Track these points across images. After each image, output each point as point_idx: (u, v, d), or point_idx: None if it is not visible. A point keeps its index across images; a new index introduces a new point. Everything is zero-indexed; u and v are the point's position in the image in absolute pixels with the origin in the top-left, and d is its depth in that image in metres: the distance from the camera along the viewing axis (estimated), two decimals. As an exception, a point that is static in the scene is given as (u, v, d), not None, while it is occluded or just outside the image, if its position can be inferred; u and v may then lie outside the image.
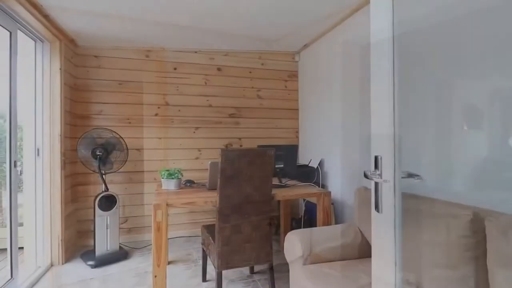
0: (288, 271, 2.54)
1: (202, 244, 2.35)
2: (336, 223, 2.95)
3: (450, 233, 1.32)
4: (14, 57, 2.18)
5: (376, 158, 0.80)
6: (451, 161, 1.56)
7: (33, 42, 2.58)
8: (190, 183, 2.63)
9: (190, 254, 2.98)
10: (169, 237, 3.30)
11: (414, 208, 1.46)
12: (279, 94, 3.89)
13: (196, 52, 3.57)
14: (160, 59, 3.45)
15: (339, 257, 1.82)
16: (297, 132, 3.96)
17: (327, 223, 2.28)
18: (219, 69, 3.65)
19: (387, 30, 0.76)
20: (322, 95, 3.30)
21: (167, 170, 2.44)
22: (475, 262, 1.26)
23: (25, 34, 2.43)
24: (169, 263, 2.74)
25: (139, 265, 2.70)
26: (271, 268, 2.06)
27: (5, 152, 2.16)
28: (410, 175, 0.74)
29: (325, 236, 1.84)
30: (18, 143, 2.28)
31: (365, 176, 0.81)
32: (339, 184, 2.98)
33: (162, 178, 2.44)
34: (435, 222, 1.38)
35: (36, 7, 2.23)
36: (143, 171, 3.39)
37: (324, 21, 2.86)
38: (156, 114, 3.43)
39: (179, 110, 3.51)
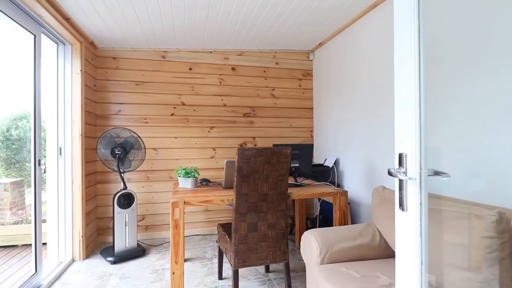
0: (303, 270, 2.54)
1: (218, 242, 2.37)
2: (352, 222, 2.91)
3: (473, 234, 1.28)
4: (38, 60, 2.26)
5: (400, 155, 0.78)
6: (475, 160, 1.51)
7: (55, 45, 2.67)
8: (206, 181, 2.66)
9: (206, 252, 3.01)
10: (185, 235, 3.35)
11: (434, 207, 1.43)
12: (293, 93, 3.87)
13: (211, 52, 3.60)
14: (175, 59, 3.50)
15: (357, 257, 1.79)
16: (312, 131, 3.93)
17: (343, 222, 2.26)
18: (233, 69, 3.67)
19: (412, 22, 0.74)
20: (337, 94, 3.26)
21: (184, 169, 2.47)
22: (500, 263, 1.22)
23: (48, 37, 2.52)
24: (185, 260, 2.78)
25: (156, 262, 2.75)
26: (287, 267, 2.06)
27: (30, 151, 2.25)
28: (437, 173, 0.73)
29: (342, 235, 1.82)
30: (42, 143, 2.36)
31: (389, 173, 0.80)
32: (355, 183, 2.94)
33: (179, 176, 2.48)
34: (457, 222, 1.35)
35: (59, 10, 2.30)
36: (160, 170, 3.45)
37: (340, 18, 2.83)
38: (172, 114, 3.48)
39: (194, 110, 3.55)
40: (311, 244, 1.78)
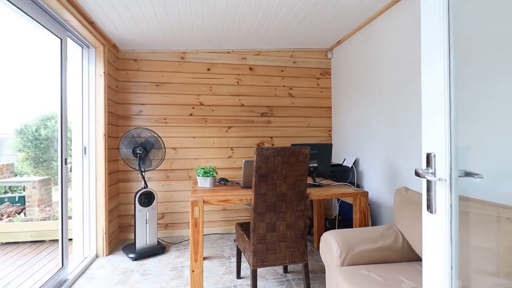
0: (322, 272, 2.50)
1: (236, 241, 2.38)
2: (373, 224, 2.85)
3: (504, 238, 1.22)
4: (64, 63, 2.35)
5: (428, 155, 0.75)
6: (507, 160, 1.43)
7: (80, 48, 2.77)
8: (224, 181, 2.68)
9: (224, 251, 3.03)
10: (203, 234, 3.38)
11: (461, 209, 1.37)
12: (311, 92, 3.83)
13: (228, 52, 3.62)
14: (194, 60, 3.55)
15: (378, 260, 1.75)
16: (330, 130, 3.88)
17: (364, 224, 2.21)
18: (251, 69, 3.68)
19: (441, 16, 0.71)
20: (357, 92, 3.20)
21: (203, 168, 2.50)
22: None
23: (73, 40, 2.61)
24: (204, 259, 2.81)
25: (175, 260, 2.80)
26: (306, 268, 2.04)
27: (57, 150, 2.35)
28: (468, 174, 0.69)
29: (363, 237, 1.78)
30: (68, 143, 2.46)
31: (416, 174, 0.77)
32: (375, 184, 2.87)
33: (198, 176, 2.51)
34: (486, 226, 1.28)
35: (84, 15, 2.39)
36: (179, 169, 3.51)
37: (360, 16, 2.77)
38: (191, 114, 3.53)
39: (212, 110, 3.58)
40: (331, 245, 1.75)
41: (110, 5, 2.34)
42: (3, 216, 4.47)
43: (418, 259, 1.79)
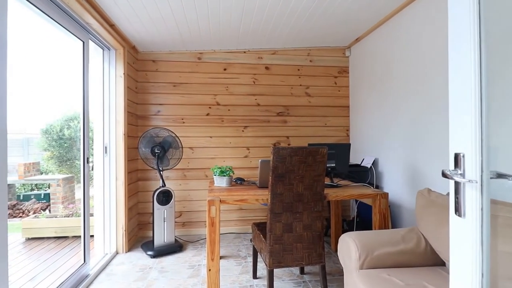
0: (339, 274, 2.45)
1: (252, 241, 2.37)
2: (393, 226, 2.76)
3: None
4: (86, 65, 2.42)
5: (456, 155, 0.71)
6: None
7: (101, 50, 2.84)
8: (240, 180, 2.68)
9: (240, 250, 3.04)
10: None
11: (491, 213, 1.30)
12: (328, 91, 3.77)
13: (245, 52, 3.62)
14: (211, 60, 3.57)
15: (399, 264, 1.69)
16: (348, 130, 3.80)
17: (384, 226, 2.15)
18: (267, 68, 3.66)
19: (471, 8, 0.67)
20: (376, 91, 3.12)
21: (219, 168, 2.51)
22: None
23: (95, 43, 2.69)
24: (220, 258, 2.83)
25: (192, 258, 2.83)
26: (323, 270, 2.00)
27: (79, 150, 2.42)
28: (501, 176, 0.65)
29: (383, 240, 1.73)
30: (89, 142, 2.53)
31: (444, 175, 0.73)
32: (395, 185, 2.78)
33: (215, 175, 2.52)
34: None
35: (105, 17, 2.45)
36: (196, 169, 3.55)
37: (380, 12, 2.70)
38: (208, 114, 3.56)
39: (229, 110, 3.60)
40: (350, 247, 1.71)
41: (129, 7, 2.39)
42: (29, 212, 4.68)
43: (442, 263, 1.72)
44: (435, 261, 1.72)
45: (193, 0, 2.33)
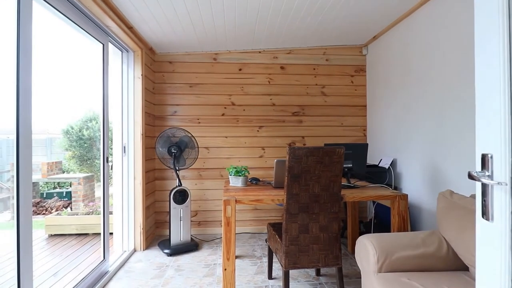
0: (356, 276, 2.41)
1: (268, 241, 2.36)
2: (412, 229, 2.69)
3: None
4: (106, 67, 2.49)
5: (483, 156, 0.68)
6: None
7: (120, 52, 2.92)
8: (255, 180, 2.68)
9: (255, 250, 3.04)
10: (234, 233, 3.41)
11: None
12: (345, 91, 3.71)
13: (260, 52, 3.62)
14: (226, 61, 3.59)
15: (419, 268, 1.64)
16: (365, 130, 3.73)
17: (403, 229, 2.10)
18: (282, 68, 3.65)
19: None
20: (395, 89, 3.04)
21: (235, 168, 2.51)
22: None
23: (114, 45, 2.76)
24: (235, 257, 2.83)
25: (208, 257, 2.85)
26: (340, 272, 1.97)
27: (99, 149, 2.49)
28: (533, 178, 0.61)
29: (403, 243, 1.68)
30: (109, 142, 2.60)
31: (470, 176, 0.70)
32: (415, 187, 2.71)
33: (230, 175, 2.53)
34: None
35: (123, 20, 2.51)
36: (211, 168, 3.58)
37: (398, 8, 2.63)
38: (223, 114, 3.58)
39: (244, 110, 3.60)
40: (368, 250, 1.67)
41: (147, 11, 2.43)
42: (52, 209, 4.86)
43: (465, 268, 1.66)
44: (457, 265, 1.66)
45: (209, 1, 2.35)
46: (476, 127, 0.72)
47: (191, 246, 3.01)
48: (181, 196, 2.99)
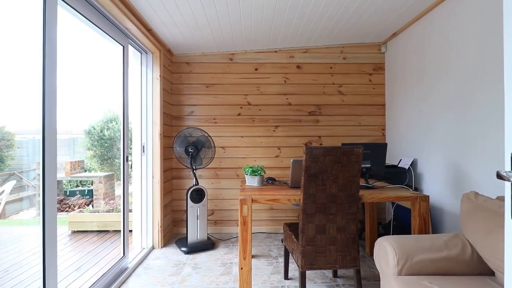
0: (374, 279, 2.36)
1: (284, 241, 2.35)
2: (434, 231, 2.60)
3: None
4: (126, 68, 2.55)
5: (514, 156, 0.65)
6: None
7: (139, 54, 2.99)
8: (271, 180, 2.67)
9: (271, 250, 3.03)
10: (250, 232, 3.42)
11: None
12: (362, 89, 3.64)
13: (276, 51, 3.61)
14: (242, 61, 3.61)
15: (442, 271, 1.59)
16: (384, 129, 3.64)
17: (424, 231, 2.03)
18: (298, 67, 3.62)
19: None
20: (415, 88, 2.95)
21: (251, 167, 2.52)
22: None
23: (133, 47, 2.83)
24: (251, 257, 2.84)
25: (224, 256, 2.87)
26: (358, 274, 1.94)
27: (119, 149, 2.56)
28: None
29: (424, 245, 1.63)
30: (128, 142, 2.67)
31: (499, 176, 0.67)
32: (436, 188, 2.62)
33: (246, 174, 2.53)
34: None
35: (143, 23, 2.57)
36: (227, 168, 3.60)
37: (418, 4, 2.55)
38: (239, 114, 3.60)
39: (260, 110, 3.61)
40: (387, 252, 1.63)
41: (166, 13, 2.48)
42: (75, 207, 5.04)
43: (490, 273, 1.59)
44: (482, 270, 1.59)
45: (227, 8, 2.36)
46: (506, 126, 0.68)
47: (207, 245, 3.05)
48: (198, 195, 3.03)
